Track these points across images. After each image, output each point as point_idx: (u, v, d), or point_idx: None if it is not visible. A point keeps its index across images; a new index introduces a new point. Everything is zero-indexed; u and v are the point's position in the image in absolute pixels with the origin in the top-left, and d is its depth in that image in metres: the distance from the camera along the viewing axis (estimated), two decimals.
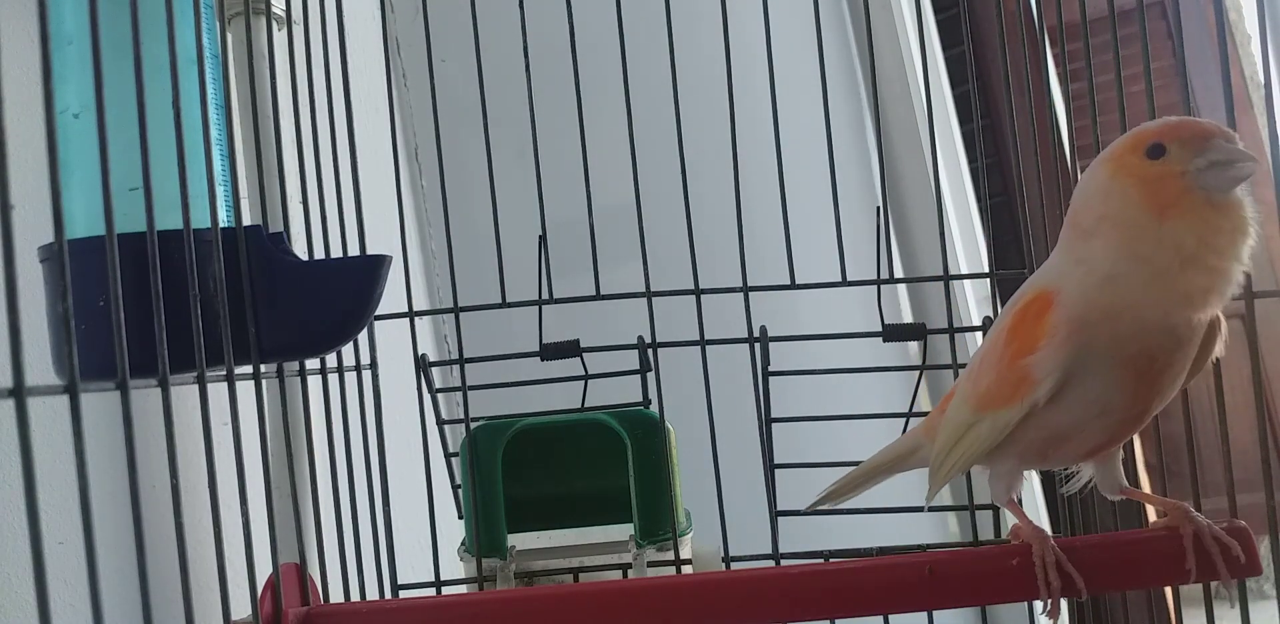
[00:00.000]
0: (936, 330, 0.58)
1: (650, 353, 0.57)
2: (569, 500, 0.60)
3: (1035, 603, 0.44)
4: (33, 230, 0.42)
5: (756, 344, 0.58)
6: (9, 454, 0.46)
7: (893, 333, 0.58)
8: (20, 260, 0.26)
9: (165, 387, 0.36)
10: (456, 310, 0.59)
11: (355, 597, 0.53)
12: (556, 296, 0.59)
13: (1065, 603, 0.43)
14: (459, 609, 0.46)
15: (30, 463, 0.26)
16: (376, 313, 0.48)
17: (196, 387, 0.38)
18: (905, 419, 0.58)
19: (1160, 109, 0.50)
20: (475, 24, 0.59)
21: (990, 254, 0.60)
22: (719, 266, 0.59)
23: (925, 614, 0.51)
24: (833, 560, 0.53)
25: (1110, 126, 0.50)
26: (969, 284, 1.36)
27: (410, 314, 0.59)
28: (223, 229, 0.42)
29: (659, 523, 0.55)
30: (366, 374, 0.58)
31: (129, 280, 0.33)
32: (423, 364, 0.59)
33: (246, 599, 0.41)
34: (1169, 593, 0.99)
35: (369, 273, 0.45)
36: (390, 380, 0.58)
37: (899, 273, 0.60)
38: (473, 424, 0.57)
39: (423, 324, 0.60)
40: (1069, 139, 0.58)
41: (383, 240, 0.57)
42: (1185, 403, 0.51)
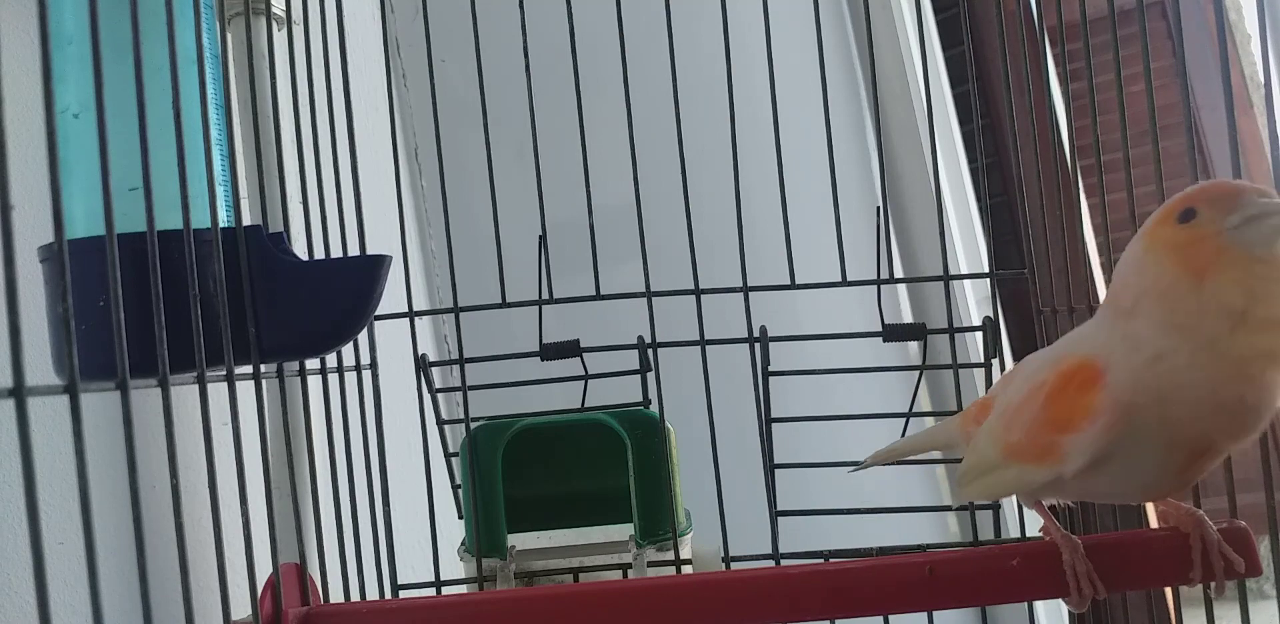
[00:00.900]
0: (936, 330, 0.58)
1: (650, 353, 0.57)
2: (569, 500, 0.60)
3: (1036, 603, 0.44)
4: (33, 230, 0.42)
5: (756, 344, 0.58)
6: (9, 454, 0.46)
7: (893, 333, 0.58)
8: (20, 260, 0.26)
9: (165, 387, 0.36)
10: (456, 310, 0.59)
11: (355, 597, 0.53)
12: (556, 296, 0.59)
13: (1064, 602, 0.43)
14: (459, 609, 0.46)
15: (30, 463, 0.26)
16: (376, 313, 0.48)
17: (196, 387, 0.38)
18: (905, 419, 0.58)
19: (1160, 109, 0.50)
20: (475, 24, 0.59)
21: (990, 254, 0.60)
22: (719, 266, 0.59)
23: (925, 614, 0.51)
24: (833, 560, 0.53)
25: (1110, 126, 0.50)
26: (969, 284, 1.36)
27: (410, 314, 0.59)
28: (223, 229, 0.42)
29: (659, 523, 0.55)
30: (366, 374, 0.58)
31: (129, 280, 0.33)
32: (423, 364, 0.59)
33: (246, 599, 0.41)
34: (1169, 593, 0.99)
35: (369, 273, 0.45)
36: (390, 380, 0.58)
37: (899, 273, 0.60)
38: (473, 424, 0.57)
39: (423, 324, 0.60)
40: (1069, 139, 0.58)
41: (383, 240, 0.57)
42: None
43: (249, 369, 0.43)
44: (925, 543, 0.55)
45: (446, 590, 0.57)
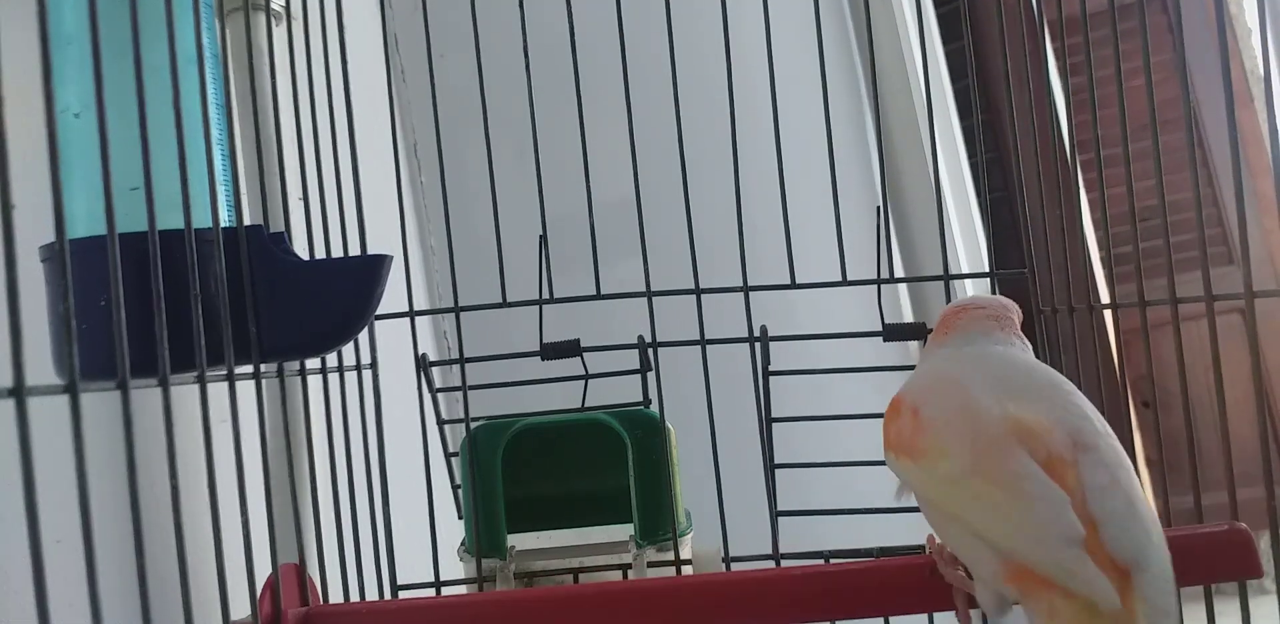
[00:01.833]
0: None
1: (650, 353, 0.57)
2: (569, 500, 0.60)
3: None
4: (33, 230, 0.41)
5: (757, 344, 0.58)
6: (9, 454, 0.46)
7: (893, 332, 0.57)
8: (21, 260, 0.26)
9: (165, 386, 0.36)
10: (457, 310, 0.59)
11: (355, 597, 0.53)
12: (557, 296, 0.59)
13: None
14: (459, 609, 0.46)
15: (30, 463, 0.26)
16: (376, 313, 0.48)
17: (196, 386, 0.38)
18: None
19: (1160, 103, 0.50)
20: (475, 20, 0.59)
21: (990, 253, 0.60)
22: (719, 266, 0.59)
23: (926, 616, 0.51)
24: (833, 561, 0.53)
25: (1110, 121, 0.50)
26: (969, 284, 1.36)
27: (410, 314, 0.59)
28: (224, 229, 0.42)
29: (659, 523, 0.55)
30: (366, 374, 0.58)
31: (130, 280, 0.33)
32: (423, 364, 0.59)
33: (246, 599, 0.41)
34: None
35: (369, 273, 0.45)
36: (390, 380, 0.58)
37: (899, 272, 0.60)
38: (473, 424, 0.57)
39: (423, 324, 0.60)
40: (1069, 134, 0.57)
41: (383, 240, 0.57)
42: (1185, 398, 0.51)
43: (249, 369, 0.43)
44: (925, 543, 0.55)
45: (446, 591, 0.57)
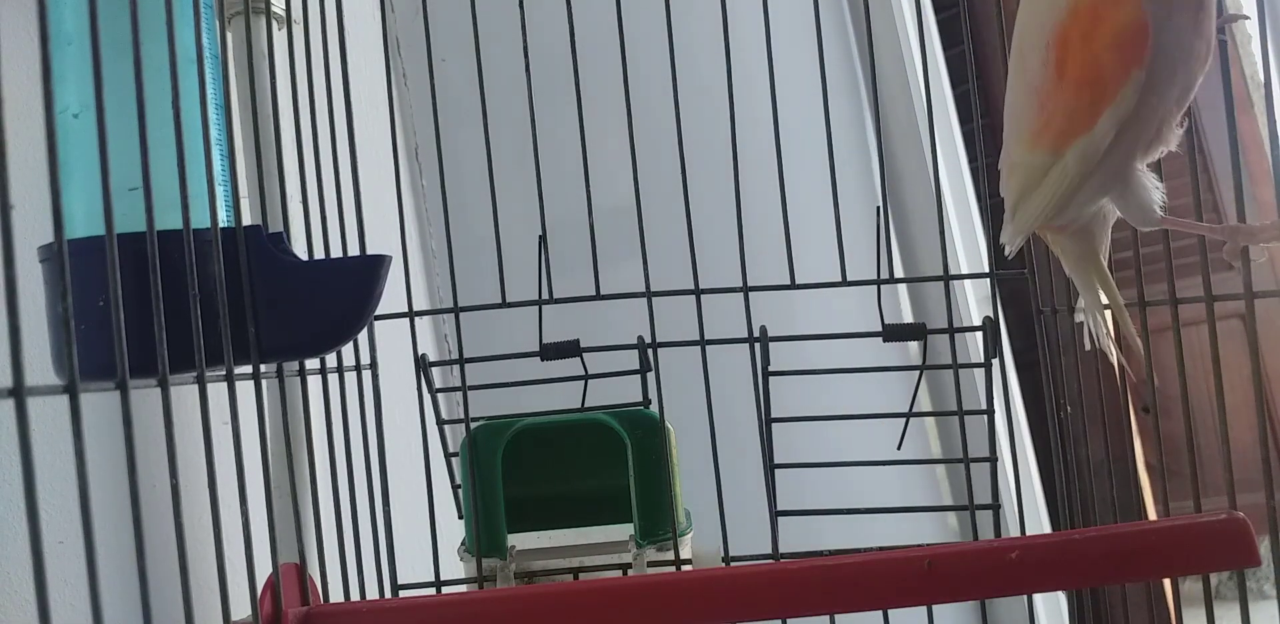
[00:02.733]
0: (936, 330, 0.58)
1: (650, 353, 0.57)
2: (569, 500, 0.60)
3: (1035, 597, 0.44)
4: (33, 230, 0.42)
5: (756, 344, 0.58)
6: (9, 454, 0.46)
7: (893, 333, 0.58)
8: (20, 260, 0.26)
9: (165, 387, 0.36)
10: (456, 310, 0.59)
11: (355, 597, 0.53)
12: (556, 296, 0.59)
13: (1065, 602, 0.43)
14: (459, 608, 0.46)
15: (30, 463, 0.26)
16: (376, 313, 0.48)
17: (196, 387, 0.38)
18: (905, 419, 0.58)
19: None
20: (475, 24, 0.59)
21: (990, 254, 0.60)
22: (719, 266, 0.59)
23: (925, 609, 0.51)
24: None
25: None
26: (969, 284, 1.36)
27: (410, 314, 0.59)
28: (222, 229, 0.42)
29: (659, 523, 0.55)
30: (366, 374, 0.58)
31: (129, 280, 0.33)
32: (423, 364, 0.59)
33: (246, 599, 0.41)
34: (1169, 592, 0.99)
35: (369, 273, 0.45)
36: (390, 380, 0.58)
37: (899, 273, 0.60)
38: (473, 424, 0.57)
39: (423, 324, 0.60)
40: None
41: (383, 240, 0.57)
42: (1185, 402, 0.51)
43: (249, 369, 0.43)
44: (925, 543, 0.55)
45: (446, 590, 0.57)
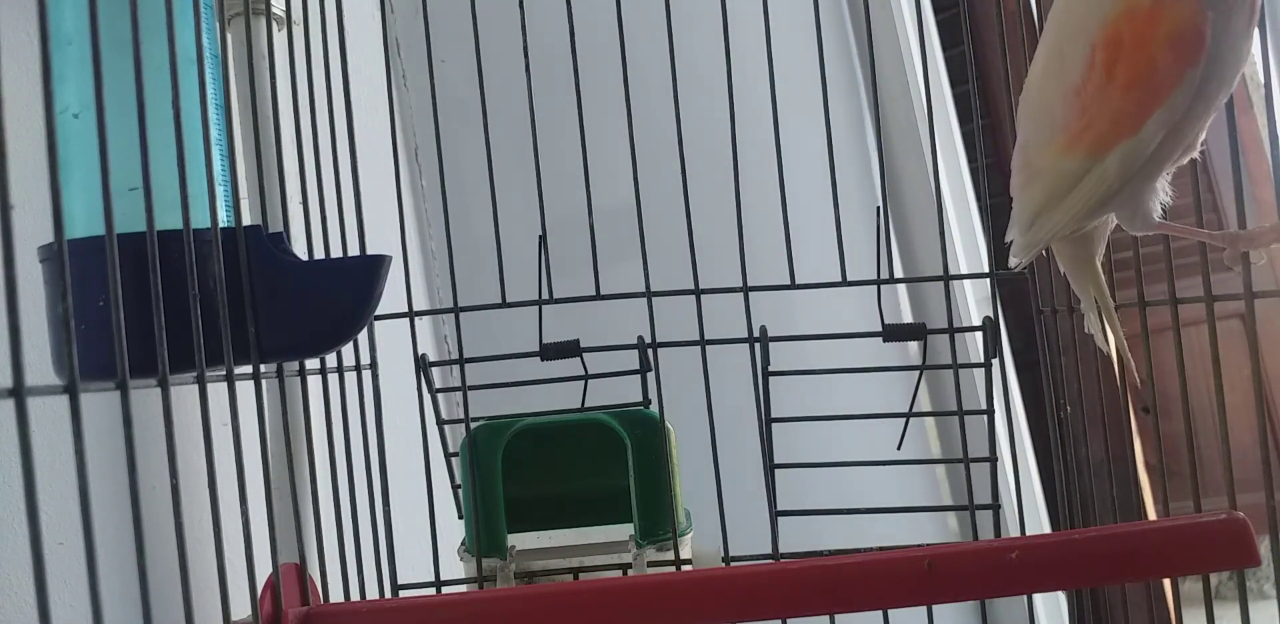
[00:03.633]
0: (936, 330, 0.58)
1: (650, 353, 0.57)
2: (569, 500, 0.60)
3: (1035, 597, 0.44)
4: (33, 230, 0.42)
5: (756, 344, 0.58)
6: (9, 454, 0.46)
7: (893, 333, 0.58)
8: (20, 260, 0.26)
9: (165, 387, 0.36)
10: (456, 310, 0.59)
11: (355, 597, 0.53)
12: (556, 296, 0.59)
13: (1065, 602, 0.43)
14: (459, 608, 0.46)
15: (30, 463, 0.26)
16: (376, 313, 0.48)
17: (196, 387, 0.38)
18: (905, 419, 0.58)
19: None
20: (475, 24, 0.59)
21: (990, 254, 0.60)
22: (719, 267, 0.59)
23: (925, 609, 0.51)
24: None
25: None
26: (969, 284, 1.36)
27: (410, 314, 0.59)
28: (222, 229, 0.42)
29: (659, 523, 0.55)
30: (366, 374, 0.58)
31: (129, 280, 0.33)
32: (423, 364, 0.59)
33: (246, 599, 0.41)
34: (1169, 593, 0.99)
35: (369, 273, 0.45)
36: (390, 380, 0.58)
37: (899, 273, 0.60)
38: (473, 424, 0.57)
39: (423, 324, 0.60)
40: None
41: (383, 240, 0.57)
42: (1185, 403, 0.51)
43: (249, 369, 0.43)
44: (926, 543, 0.55)
45: (446, 590, 0.57)
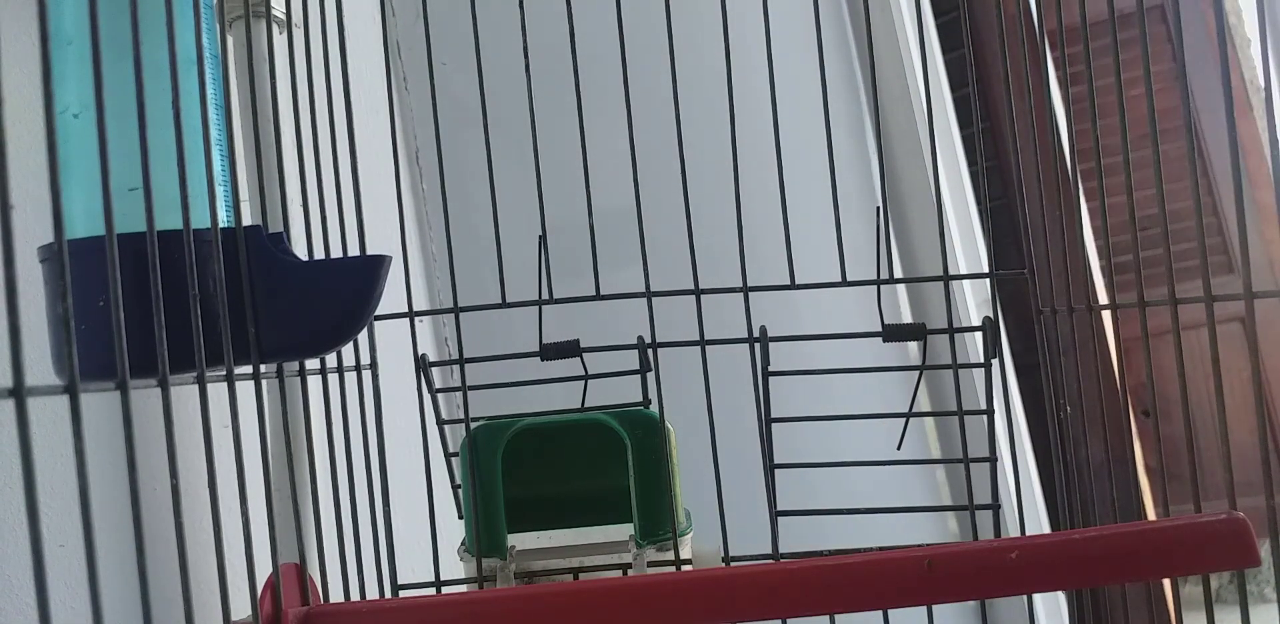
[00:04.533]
0: (936, 330, 0.58)
1: (650, 353, 0.57)
2: (569, 500, 0.60)
3: (1035, 598, 0.44)
4: (33, 230, 0.42)
5: (756, 344, 0.58)
6: (9, 454, 0.46)
7: (893, 333, 0.58)
8: (20, 260, 0.26)
9: (165, 387, 0.36)
10: (456, 310, 0.59)
11: (355, 597, 0.53)
12: (556, 297, 0.59)
13: (1065, 603, 0.43)
14: (459, 608, 0.46)
15: (30, 463, 0.26)
16: (376, 313, 0.48)
17: (196, 387, 0.38)
18: (905, 419, 0.58)
19: (1160, 112, 0.50)
20: (475, 27, 0.59)
21: (990, 255, 0.60)
22: (719, 267, 0.59)
23: (925, 609, 0.51)
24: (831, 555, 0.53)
25: (1110, 130, 0.50)
26: (969, 284, 1.36)
27: (410, 314, 0.59)
28: (222, 229, 0.42)
29: (659, 523, 0.55)
30: (366, 374, 0.58)
31: (129, 280, 0.33)
32: (423, 364, 0.59)
33: (246, 599, 0.41)
34: (1169, 594, 0.99)
35: (369, 273, 0.45)
36: (390, 380, 0.58)
37: (899, 273, 0.60)
38: (473, 424, 0.57)
39: (423, 324, 0.60)
40: (1069, 142, 0.58)
41: (383, 241, 0.57)
42: (1185, 405, 0.51)
43: (249, 369, 0.43)
44: (926, 543, 0.55)
45: (446, 590, 0.57)
